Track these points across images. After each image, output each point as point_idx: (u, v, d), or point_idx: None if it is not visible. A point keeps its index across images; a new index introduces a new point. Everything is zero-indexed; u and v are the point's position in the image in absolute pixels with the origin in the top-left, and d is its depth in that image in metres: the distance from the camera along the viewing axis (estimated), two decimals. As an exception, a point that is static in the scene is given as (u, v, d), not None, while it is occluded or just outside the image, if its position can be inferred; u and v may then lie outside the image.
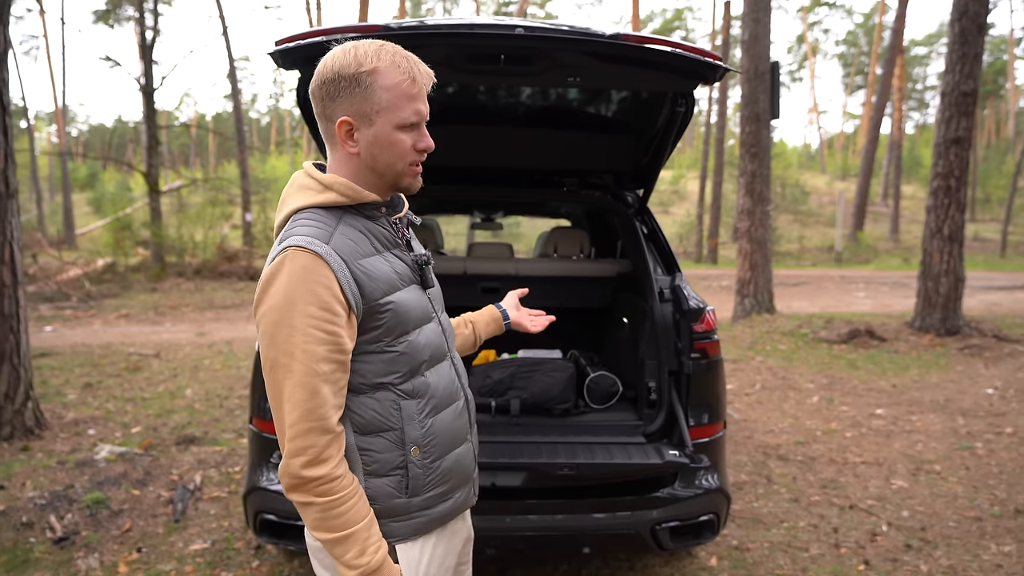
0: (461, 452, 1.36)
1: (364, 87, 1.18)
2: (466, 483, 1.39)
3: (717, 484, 2.46)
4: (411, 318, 1.26)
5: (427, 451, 1.28)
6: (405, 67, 1.20)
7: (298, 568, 2.84)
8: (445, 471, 1.32)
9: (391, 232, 1.30)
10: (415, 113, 1.21)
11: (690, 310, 2.50)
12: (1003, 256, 23.08)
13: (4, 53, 4.15)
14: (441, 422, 1.31)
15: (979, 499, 3.65)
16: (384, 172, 1.25)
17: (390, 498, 1.26)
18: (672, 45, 2.07)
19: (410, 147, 1.24)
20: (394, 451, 1.25)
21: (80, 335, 8.65)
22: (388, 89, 1.19)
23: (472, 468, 1.41)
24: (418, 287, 1.33)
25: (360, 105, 1.19)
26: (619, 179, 3.38)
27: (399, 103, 1.20)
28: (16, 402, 4.25)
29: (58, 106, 32.09)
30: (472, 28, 1.98)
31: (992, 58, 40.24)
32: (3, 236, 4.15)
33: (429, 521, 1.31)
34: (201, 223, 16.16)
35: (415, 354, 1.26)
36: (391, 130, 1.21)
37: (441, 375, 1.33)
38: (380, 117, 1.20)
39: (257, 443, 2.48)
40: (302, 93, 2.36)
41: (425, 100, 1.24)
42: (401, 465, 1.25)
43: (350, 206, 1.25)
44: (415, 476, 1.26)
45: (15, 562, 2.85)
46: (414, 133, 1.24)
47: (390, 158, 1.24)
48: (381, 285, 1.22)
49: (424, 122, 1.25)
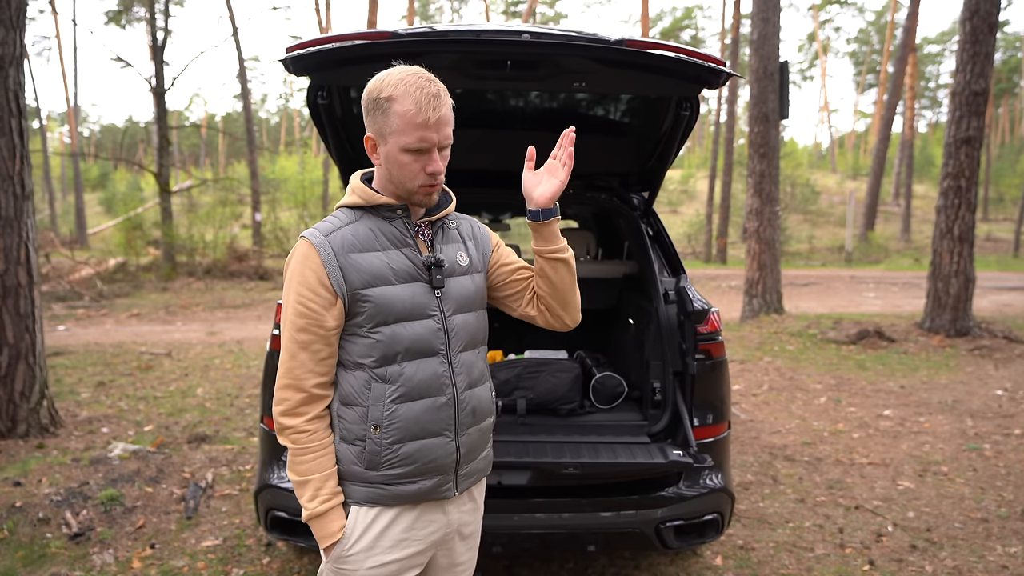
0: (430, 444, 1.43)
1: (382, 111, 1.36)
2: (434, 473, 1.44)
3: (721, 484, 2.48)
4: (393, 311, 1.39)
5: (387, 432, 1.40)
6: (415, 97, 1.33)
7: (307, 565, 2.88)
8: (405, 456, 1.41)
9: (402, 232, 1.45)
10: (420, 140, 1.35)
11: (694, 311, 2.53)
12: (1016, 256, 22.89)
13: (20, 58, 4.22)
14: (409, 410, 1.40)
15: (986, 500, 3.64)
16: (398, 185, 1.43)
17: (350, 463, 1.43)
18: (676, 50, 2.09)
19: (419, 171, 1.38)
20: (360, 424, 1.41)
21: (93, 334, 8.76)
22: (399, 116, 1.34)
23: (447, 462, 1.46)
24: (423, 285, 1.44)
25: (379, 125, 1.38)
26: (625, 181, 3.40)
27: (406, 129, 1.35)
28: (32, 400, 4.32)
29: (70, 106, 32.39)
30: (479, 35, 2.02)
31: (1006, 56, 39.87)
32: (19, 237, 4.22)
33: (388, 496, 1.42)
34: (211, 223, 16.29)
35: (391, 344, 1.40)
36: (398, 152, 1.37)
37: (421, 368, 1.42)
38: (391, 139, 1.37)
39: (268, 442, 2.52)
40: (312, 98, 2.40)
41: (437, 128, 1.35)
42: (362, 438, 1.41)
43: (369, 207, 1.44)
44: (371, 451, 1.41)
45: (32, 557, 2.91)
46: (423, 158, 1.38)
47: (400, 176, 1.40)
48: (366, 277, 1.38)
49: (436, 148, 1.37)
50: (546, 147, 3.24)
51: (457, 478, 1.49)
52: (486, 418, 1.56)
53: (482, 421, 1.54)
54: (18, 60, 4.20)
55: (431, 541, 1.49)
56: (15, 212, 4.19)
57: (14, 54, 4.16)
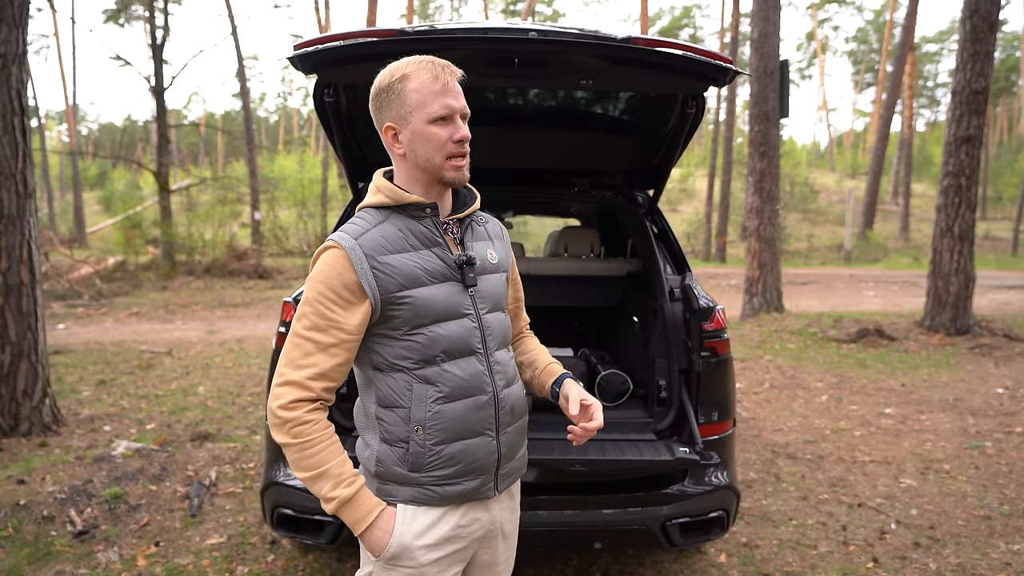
0: (473, 444, 1.41)
1: (397, 93, 1.36)
2: (478, 473, 1.43)
3: (727, 481, 2.48)
4: (430, 312, 1.36)
5: (431, 433, 1.37)
6: (429, 68, 1.35)
7: (312, 563, 2.89)
8: (449, 456, 1.39)
9: (432, 231, 1.41)
10: (443, 107, 1.34)
11: (700, 309, 2.53)
12: (1015, 255, 22.93)
13: (22, 56, 4.21)
14: (452, 410, 1.38)
15: (988, 498, 3.65)
16: (426, 166, 1.38)
17: (393, 465, 1.40)
18: (683, 48, 2.09)
19: (446, 139, 1.36)
20: (402, 426, 1.39)
21: (93, 333, 8.75)
22: (416, 90, 1.34)
23: (489, 462, 1.44)
24: (456, 284, 1.41)
25: (397, 109, 1.36)
26: (630, 179, 3.40)
27: (426, 100, 1.34)
28: (34, 399, 4.32)
29: (69, 105, 32.32)
30: (486, 32, 2.02)
31: (1004, 55, 39.92)
32: (21, 235, 4.22)
33: (433, 498, 1.40)
34: (210, 221, 16.27)
35: (431, 345, 1.37)
36: (424, 125, 1.35)
37: (463, 368, 1.40)
38: (413, 115, 1.35)
39: (274, 440, 2.52)
40: (319, 96, 2.40)
41: (456, 96, 1.37)
42: (405, 439, 1.39)
43: (396, 206, 1.41)
44: (416, 453, 1.38)
45: (37, 554, 2.91)
46: (449, 126, 1.36)
47: (428, 151, 1.37)
48: (401, 280, 1.35)
49: (459, 115, 1.37)
50: (552, 145, 3.25)
51: (498, 478, 1.48)
52: (523, 416, 1.54)
53: (520, 419, 1.53)
54: (21, 58, 4.19)
55: (475, 538, 1.48)
56: (18, 210, 4.19)
57: (16, 52, 4.15)
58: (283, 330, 2.53)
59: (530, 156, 3.28)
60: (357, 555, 2.88)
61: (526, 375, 1.69)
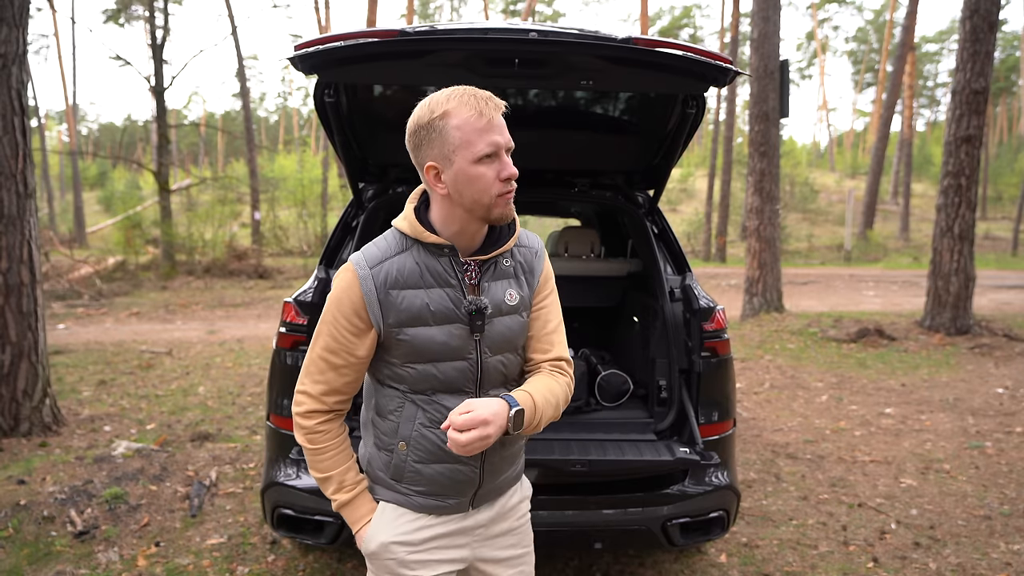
0: (453, 468, 1.41)
1: (439, 131, 1.29)
2: (455, 495, 1.44)
3: (727, 481, 2.49)
4: (428, 352, 1.36)
5: (413, 451, 1.42)
6: (472, 103, 1.28)
7: (312, 563, 2.89)
8: (428, 476, 1.42)
9: (448, 272, 1.36)
10: (489, 145, 1.28)
11: (700, 309, 2.53)
12: (1015, 255, 22.94)
13: (22, 56, 4.21)
14: (436, 436, 1.39)
15: (988, 498, 3.66)
16: (472, 207, 1.33)
17: (379, 469, 1.47)
18: (684, 48, 2.09)
19: (493, 179, 1.30)
20: (391, 437, 1.44)
21: (93, 333, 8.75)
22: (459, 127, 1.27)
23: (467, 486, 1.44)
24: (463, 327, 1.36)
25: (440, 148, 1.29)
26: (630, 179, 3.40)
27: (471, 138, 1.27)
28: (34, 399, 4.32)
29: (69, 105, 32.31)
30: (487, 33, 2.01)
31: (1004, 55, 39.92)
32: (22, 235, 4.22)
33: (413, 505, 1.45)
34: (210, 221, 16.27)
35: (421, 380, 1.39)
36: (469, 165, 1.29)
37: (452, 402, 1.36)
38: (457, 155, 1.29)
39: (275, 439, 2.53)
40: (319, 96, 2.40)
41: (500, 131, 1.30)
42: (391, 450, 1.44)
43: (418, 240, 1.37)
44: (396, 465, 1.44)
45: (37, 555, 2.91)
46: (496, 164, 1.30)
47: (475, 193, 1.31)
48: (403, 316, 1.35)
49: (505, 150, 1.31)
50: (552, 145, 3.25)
51: (475, 498, 1.47)
52: (514, 444, 1.50)
53: (510, 448, 1.49)
54: (21, 58, 4.19)
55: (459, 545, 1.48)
56: (18, 210, 4.19)
57: (17, 52, 4.15)
58: (283, 330, 2.53)
59: (530, 156, 3.26)
60: (357, 555, 2.90)
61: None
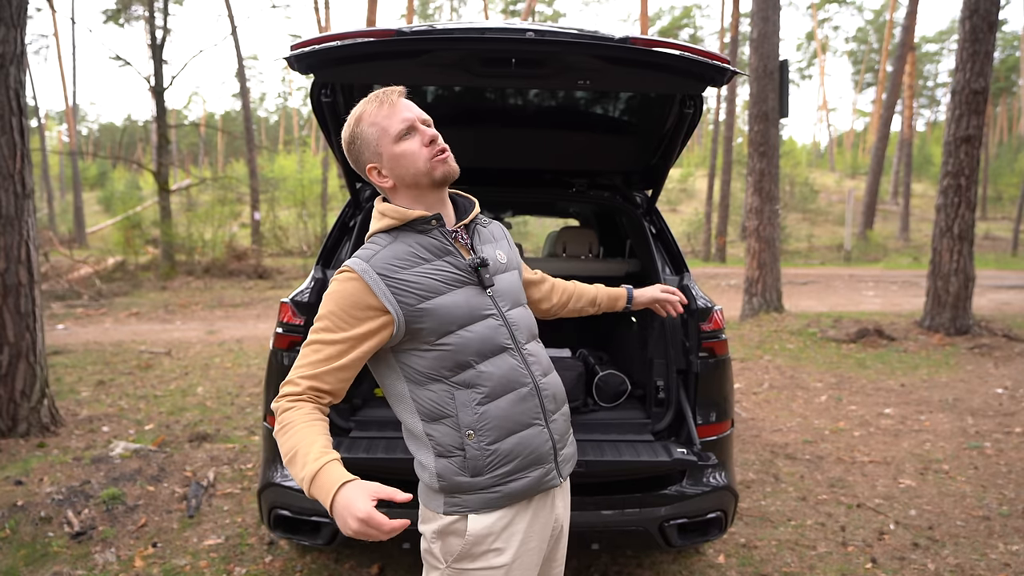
0: (526, 435, 1.43)
1: (360, 136, 1.42)
2: (538, 464, 1.44)
3: (725, 482, 2.48)
4: (453, 318, 1.39)
5: (482, 435, 1.39)
6: (373, 99, 1.41)
7: (310, 563, 2.88)
8: (505, 453, 1.40)
9: (441, 241, 1.44)
10: (400, 122, 1.39)
11: (698, 309, 2.52)
12: (1014, 255, 22.93)
13: (20, 56, 4.20)
14: (497, 408, 1.40)
15: (987, 498, 3.65)
16: (416, 180, 1.42)
17: (454, 476, 1.40)
18: (681, 48, 2.08)
19: (419, 148, 1.40)
20: (453, 435, 1.40)
21: (92, 333, 8.74)
22: (372, 124, 1.41)
23: (545, 451, 1.46)
24: (474, 287, 1.44)
25: (369, 149, 1.42)
26: (628, 179, 3.40)
27: (384, 125, 1.40)
28: (32, 399, 4.31)
29: (68, 105, 32.30)
30: (483, 32, 2.01)
31: (1004, 55, 39.92)
32: (20, 235, 4.22)
33: (502, 497, 1.41)
34: (210, 222, 16.27)
35: (461, 350, 1.38)
36: (394, 147, 1.40)
37: (497, 365, 1.42)
38: (382, 146, 1.41)
39: (271, 440, 2.52)
40: (316, 96, 2.40)
41: (407, 108, 1.41)
42: (460, 447, 1.39)
43: (403, 225, 1.44)
44: (473, 457, 1.39)
45: (35, 556, 2.91)
46: (416, 136, 1.41)
47: (410, 167, 1.41)
48: (419, 292, 1.37)
49: (419, 123, 1.42)
50: (550, 145, 3.25)
51: (558, 464, 1.50)
52: (564, 403, 1.57)
53: (563, 406, 1.55)
54: (19, 58, 4.18)
55: (543, 537, 1.50)
56: (16, 210, 4.19)
57: (15, 52, 4.15)
58: (280, 331, 2.52)
59: (528, 156, 3.27)
60: (355, 555, 2.89)
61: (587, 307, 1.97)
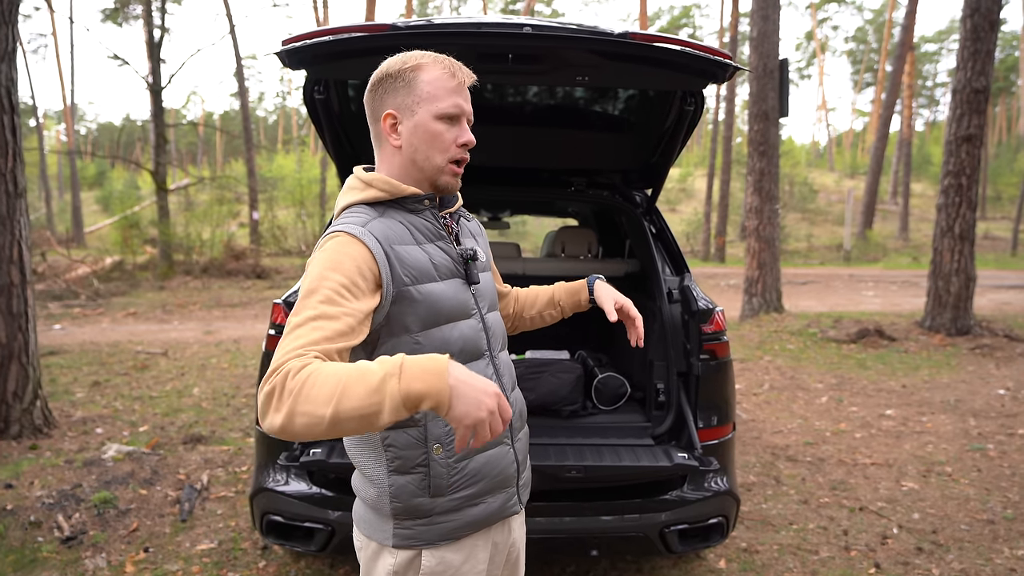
0: (494, 455, 1.31)
1: (407, 81, 1.25)
2: (501, 488, 1.33)
3: (726, 487, 2.43)
4: (443, 311, 1.25)
5: (451, 450, 1.24)
6: (447, 64, 1.26)
7: (304, 569, 2.83)
8: (473, 472, 1.28)
9: (435, 225, 1.32)
10: (454, 106, 1.25)
11: (699, 311, 2.48)
12: (1014, 255, 22.90)
13: (12, 53, 4.16)
14: None
15: (991, 501, 3.60)
16: (424, 165, 1.28)
17: (412, 496, 1.25)
18: (682, 44, 2.04)
19: (451, 142, 1.27)
20: (417, 448, 1.24)
21: (88, 333, 8.69)
22: (429, 82, 1.24)
23: (510, 473, 1.35)
24: (461, 281, 1.32)
25: (404, 98, 1.25)
26: (627, 178, 3.35)
27: (439, 94, 1.24)
28: (24, 401, 4.26)
29: (67, 104, 32.24)
30: (480, 27, 1.96)
31: (1004, 54, 39.89)
32: (11, 235, 4.16)
33: (458, 526, 1.28)
34: (208, 221, 16.22)
35: (442, 348, 1.23)
36: (431, 119, 1.25)
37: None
38: (421, 107, 1.25)
39: (264, 444, 2.47)
40: (309, 93, 2.35)
41: (466, 98, 1.28)
42: (423, 463, 1.24)
43: (392, 201, 1.28)
44: (437, 475, 1.24)
45: (23, 561, 2.85)
46: (455, 128, 1.27)
47: (430, 150, 1.27)
48: (412, 272, 1.22)
49: (465, 119, 1.29)
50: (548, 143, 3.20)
51: (519, 488, 1.39)
52: (526, 423, 1.46)
53: (525, 426, 1.45)
54: (10, 55, 4.14)
55: (501, 561, 1.40)
56: (7, 210, 4.13)
57: (6, 49, 4.10)
58: (272, 332, 2.48)
59: (526, 154, 3.23)
60: (348, 561, 2.84)
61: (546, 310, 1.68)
